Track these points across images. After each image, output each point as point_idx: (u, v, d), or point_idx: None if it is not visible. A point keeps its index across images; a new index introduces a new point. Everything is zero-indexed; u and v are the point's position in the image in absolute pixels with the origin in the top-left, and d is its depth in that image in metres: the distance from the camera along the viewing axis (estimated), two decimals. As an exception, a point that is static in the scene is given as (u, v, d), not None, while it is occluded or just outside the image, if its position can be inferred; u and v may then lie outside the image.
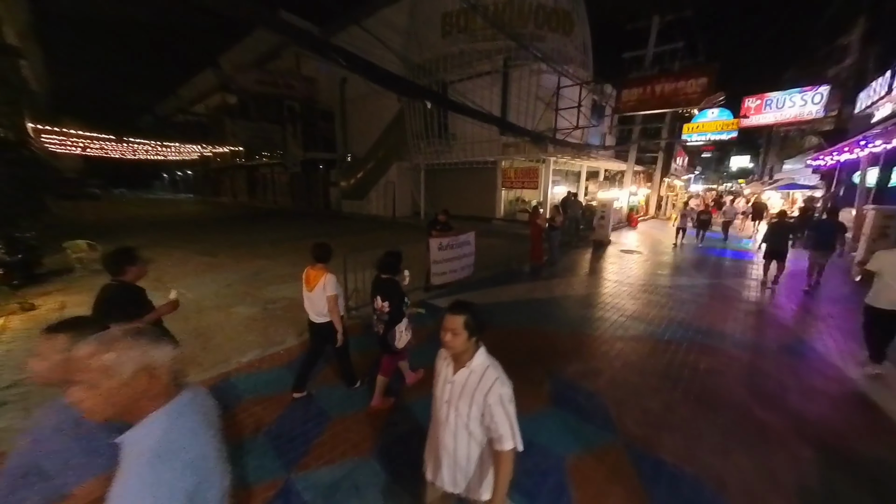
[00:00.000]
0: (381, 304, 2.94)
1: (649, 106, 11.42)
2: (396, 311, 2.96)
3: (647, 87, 11.28)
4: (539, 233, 8.77)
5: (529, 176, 13.75)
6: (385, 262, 3.02)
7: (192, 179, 46.05)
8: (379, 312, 2.98)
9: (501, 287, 6.93)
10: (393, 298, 2.94)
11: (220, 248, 10.49)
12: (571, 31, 13.60)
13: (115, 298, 2.29)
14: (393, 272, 3.03)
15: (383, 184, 18.67)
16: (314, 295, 3.11)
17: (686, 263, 9.38)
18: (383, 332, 3.00)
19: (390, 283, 2.99)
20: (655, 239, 13.43)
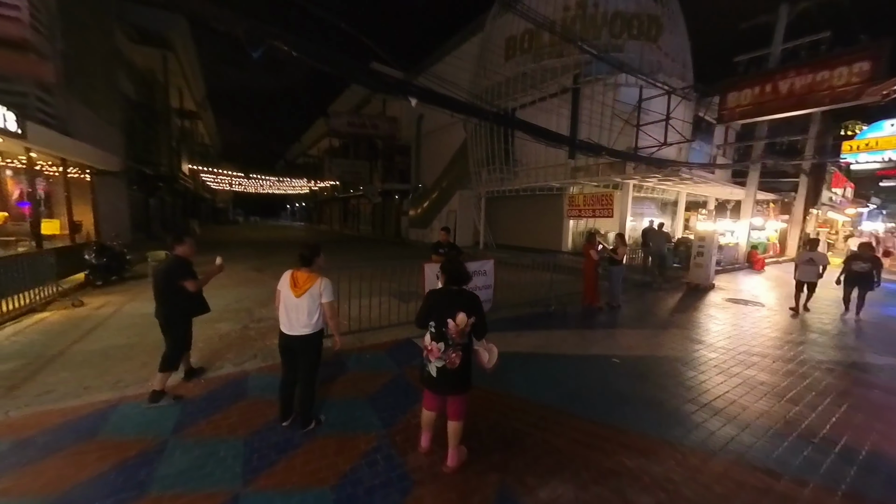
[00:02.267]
0: (464, 321, 2.30)
1: (771, 109, 8.46)
2: (481, 326, 2.43)
3: (768, 84, 8.43)
4: (592, 267, 6.86)
5: (602, 203, 11.59)
6: (459, 269, 2.47)
7: (304, 210, 54.46)
8: (454, 336, 2.31)
9: (526, 331, 5.34)
10: (478, 311, 2.40)
11: (273, 266, 11.13)
12: (659, 37, 11.59)
13: (170, 263, 3.28)
14: (466, 281, 2.48)
15: (445, 212, 18.40)
16: (302, 302, 2.69)
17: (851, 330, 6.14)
18: (461, 362, 2.34)
19: (470, 295, 2.46)
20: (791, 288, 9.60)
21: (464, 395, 2.45)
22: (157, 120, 19.49)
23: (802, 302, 7.03)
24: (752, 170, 11.91)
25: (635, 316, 6.60)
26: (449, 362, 2.34)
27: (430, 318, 2.41)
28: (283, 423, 2.87)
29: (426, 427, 2.61)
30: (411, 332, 5.05)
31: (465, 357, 2.38)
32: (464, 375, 2.40)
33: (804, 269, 6.88)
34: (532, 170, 13.96)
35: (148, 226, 17.52)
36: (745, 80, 8.88)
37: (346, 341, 4.66)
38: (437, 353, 2.36)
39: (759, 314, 6.91)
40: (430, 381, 2.42)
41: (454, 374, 2.36)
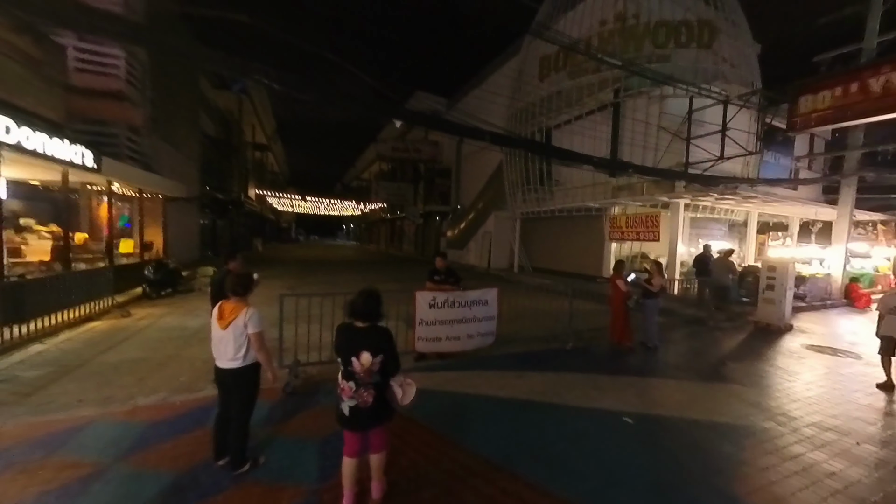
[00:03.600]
0: (369, 361, 2.19)
1: (859, 113, 6.85)
2: (393, 363, 2.31)
3: (853, 83, 6.88)
4: (621, 300, 5.98)
5: (647, 225, 10.35)
6: (364, 304, 2.31)
7: (357, 230, 57.84)
8: (361, 376, 2.20)
9: (531, 372, 4.72)
10: (386, 349, 2.29)
11: (305, 286, 11.60)
12: (713, 42, 10.42)
13: (221, 277, 3.74)
14: (376, 317, 2.35)
15: (481, 234, 18.05)
16: (227, 334, 2.59)
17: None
18: (374, 399, 2.23)
19: (379, 330, 2.33)
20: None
21: (385, 425, 2.36)
22: (230, 152, 22.32)
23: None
24: (846, 185, 9.79)
25: (674, 361, 5.56)
26: (361, 402, 2.22)
27: (339, 355, 2.30)
28: (217, 461, 2.71)
29: (348, 483, 2.33)
30: (403, 365, 4.73)
31: (378, 394, 2.26)
32: (381, 410, 2.29)
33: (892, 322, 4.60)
34: (570, 189, 13.16)
35: (215, 244, 19.70)
36: (822, 81, 7.39)
37: (327, 371, 4.50)
38: (348, 392, 2.23)
39: (850, 370, 5.39)
40: (344, 421, 2.28)
41: (369, 411, 2.24)
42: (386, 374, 2.30)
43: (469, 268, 18.58)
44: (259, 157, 34.70)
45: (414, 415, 3.54)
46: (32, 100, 5.66)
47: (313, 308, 4.66)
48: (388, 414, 2.33)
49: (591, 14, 11.80)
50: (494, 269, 16.81)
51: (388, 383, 2.31)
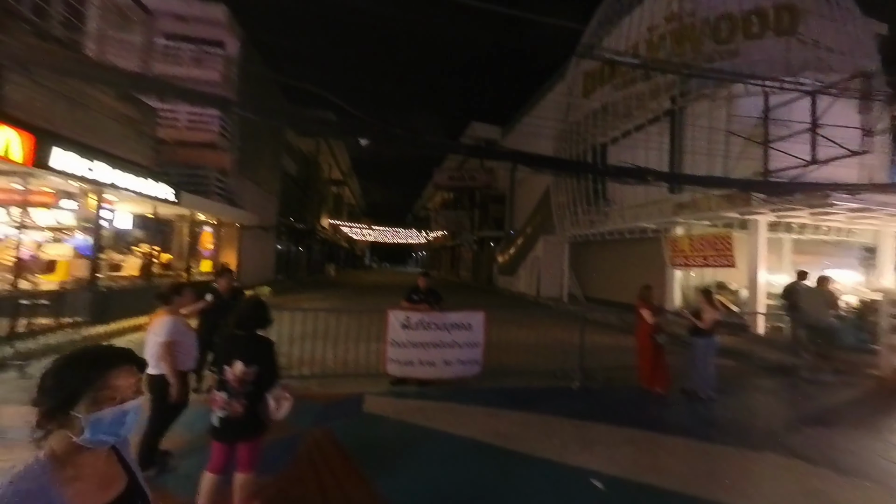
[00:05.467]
0: (241, 370, 2.12)
1: None
2: (269, 376, 2.22)
3: None
4: (646, 334, 4.89)
5: (716, 248, 8.48)
6: (247, 312, 2.32)
7: (424, 257, 60.11)
8: (234, 386, 2.12)
9: (512, 412, 4.03)
10: (262, 360, 2.21)
11: (346, 311, 12.19)
12: (797, 27, 8.65)
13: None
14: (256, 325, 2.30)
15: (530, 260, 17.05)
16: (147, 341, 2.79)
17: None
18: (246, 411, 2.12)
19: (256, 339, 2.26)
20: None
21: (254, 441, 2.21)
22: (307, 187, 25.59)
23: None
24: None
25: (722, 418, 4.23)
26: (232, 412, 2.11)
27: (215, 364, 2.29)
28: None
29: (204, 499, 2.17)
30: (380, 387, 4.51)
31: (250, 406, 2.14)
32: (251, 423, 2.16)
33: None
34: (627, 209, 11.75)
35: (288, 268, 22.27)
36: None
37: (292, 388, 4.48)
38: (220, 402, 2.13)
39: None
40: (214, 432, 2.20)
41: (239, 422, 2.13)
42: (261, 386, 2.18)
43: (519, 296, 17.57)
44: (336, 192, 39.07)
45: (348, 440, 3.29)
46: (127, 149, 7.29)
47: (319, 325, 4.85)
48: (258, 428, 2.20)
49: (639, 23, 10.92)
50: (544, 298, 15.57)
51: (263, 396, 2.18)
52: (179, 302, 2.94)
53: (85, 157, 6.21)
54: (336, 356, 4.99)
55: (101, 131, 6.88)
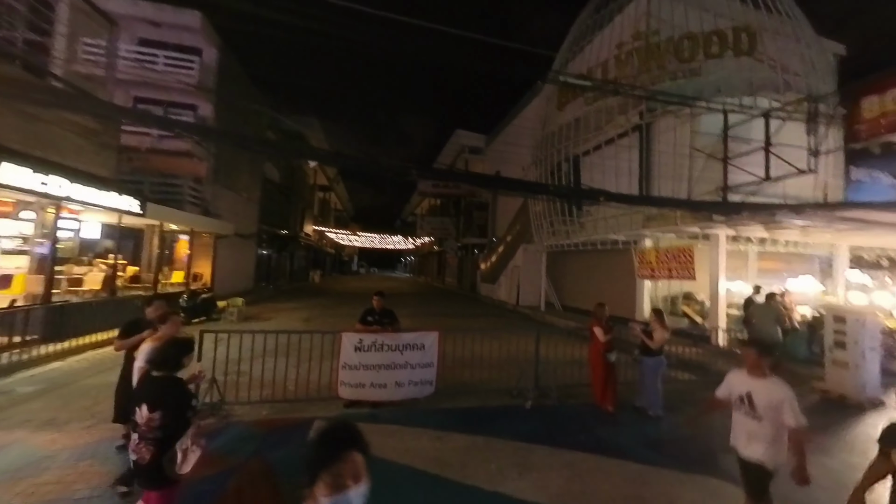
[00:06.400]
0: (145, 415, 2.05)
1: None
2: (175, 423, 2.08)
3: None
4: (598, 352, 4.98)
5: (679, 260, 8.72)
6: (162, 353, 2.28)
7: (412, 263, 59.97)
8: (142, 429, 2.05)
9: (461, 434, 4.05)
10: (169, 405, 2.08)
11: (324, 318, 12.06)
12: (755, 48, 9.00)
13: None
14: (171, 367, 2.21)
15: (511, 268, 17.20)
16: (135, 367, 2.83)
17: None
18: (151, 458, 2.03)
19: (167, 383, 2.18)
20: None
21: (158, 492, 2.10)
22: (291, 194, 25.36)
23: None
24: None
25: (668, 437, 4.31)
26: (139, 457, 2.04)
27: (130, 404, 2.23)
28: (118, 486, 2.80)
29: None
30: (333, 411, 4.48)
31: (157, 453, 2.03)
32: (155, 471, 2.05)
33: None
34: (600, 220, 11.96)
35: (268, 275, 21.98)
36: (889, 77, 5.68)
37: (246, 411, 4.44)
38: (132, 444, 2.10)
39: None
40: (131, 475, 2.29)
41: (144, 469, 2.06)
42: (170, 434, 2.07)
43: (499, 304, 17.68)
44: (323, 197, 38.80)
45: (286, 471, 3.27)
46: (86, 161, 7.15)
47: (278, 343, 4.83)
48: (162, 481, 2.05)
49: (609, 40, 11.21)
50: (523, 307, 15.71)
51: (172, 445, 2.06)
52: (166, 330, 2.94)
53: (39, 171, 6.07)
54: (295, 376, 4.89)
55: (58, 144, 6.74)
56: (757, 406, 2.42)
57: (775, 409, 2.34)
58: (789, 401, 2.31)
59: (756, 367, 2.50)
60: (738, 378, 2.62)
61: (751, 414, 2.46)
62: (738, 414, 2.56)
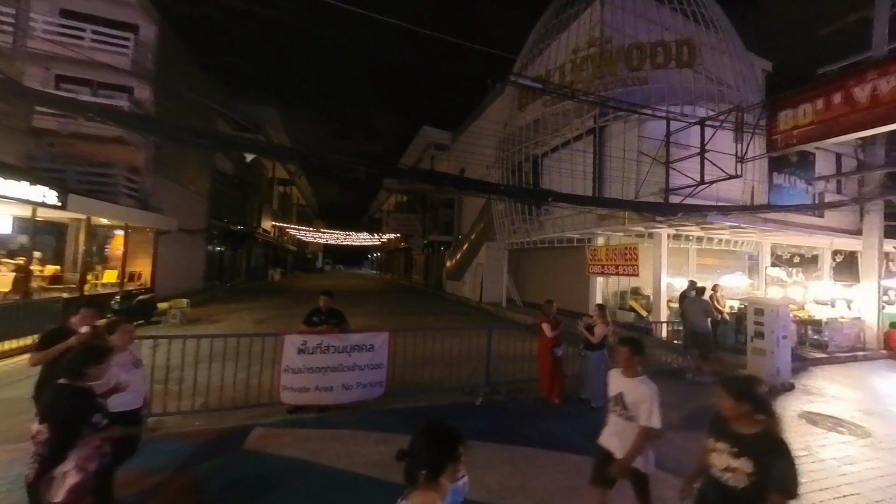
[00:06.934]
0: (35, 427, 1.96)
1: (845, 127, 5.72)
2: (61, 439, 1.87)
3: (836, 94, 5.82)
4: (546, 347, 5.15)
5: (626, 257, 9.26)
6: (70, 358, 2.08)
7: (380, 260, 58.98)
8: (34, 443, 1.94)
9: (401, 435, 3.97)
10: (57, 418, 1.91)
11: (279, 319, 11.48)
12: (694, 62, 9.68)
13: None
14: (73, 376, 1.99)
15: (475, 265, 17.40)
16: None
17: None
18: (35, 477, 1.90)
19: (61, 392, 1.98)
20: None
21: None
22: (247, 187, 23.93)
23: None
24: (871, 210, 8.22)
25: (602, 427, 4.53)
26: (27, 475, 1.94)
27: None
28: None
29: None
30: (275, 416, 4.26)
31: (40, 471, 1.89)
32: (34, 493, 1.94)
33: None
34: (558, 219, 12.37)
35: (220, 274, 20.64)
36: (802, 94, 6.36)
37: (177, 423, 4.12)
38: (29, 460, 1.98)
39: (841, 452, 4.09)
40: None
41: (28, 489, 1.96)
42: (55, 450, 1.87)
43: (464, 301, 17.85)
44: (283, 191, 37.02)
45: (214, 485, 3.07)
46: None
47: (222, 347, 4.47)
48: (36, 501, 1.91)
49: (566, 45, 11.58)
50: (486, 303, 15.95)
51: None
52: (116, 340, 2.70)
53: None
54: (236, 382, 4.61)
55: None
56: (628, 406, 2.35)
57: (637, 407, 2.29)
58: (650, 400, 2.26)
59: (629, 366, 2.42)
60: (614, 377, 2.55)
61: (623, 414, 2.37)
62: (612, 415, 2.48)
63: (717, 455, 1.87)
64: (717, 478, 1.85)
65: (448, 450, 1.28)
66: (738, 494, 1.74)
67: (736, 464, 1.77)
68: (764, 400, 1.84)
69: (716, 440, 1.91)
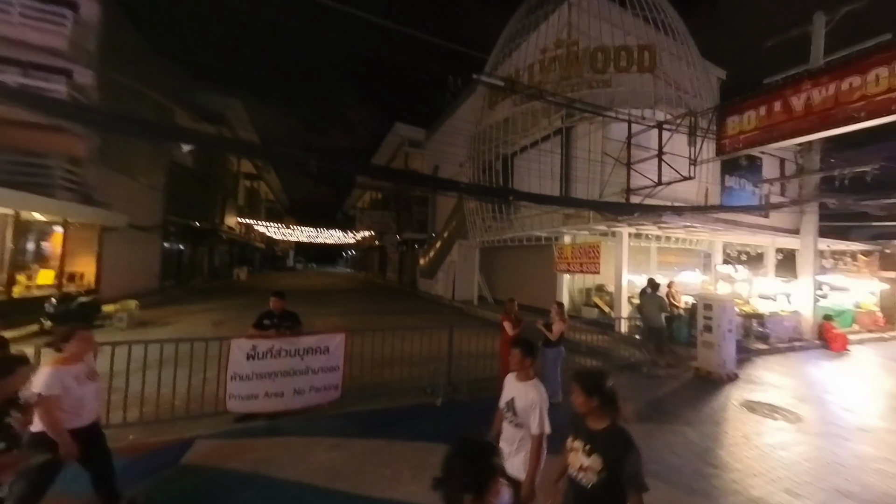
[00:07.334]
0: None
1: (785, 133, 6.19)
2: None
3: (776, 101, 6.28)
4: (506, 347, 5.15)
5: (589, 255, 9.55)
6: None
7: (355, 258, 57.83)
8: None
9: (356, 439, 3.89)
10: None
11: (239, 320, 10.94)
12: (654, 67, 10.06)
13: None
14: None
15: (447, 263, 17.39)
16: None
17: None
18: None
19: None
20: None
21: None
22: (209, 181, 22.66)
23: None
24: (807, 212, 8.92)
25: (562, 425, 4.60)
26: None
27: None
28: None
29: None
30: (222, 426, 4.00)
31: None
32: None
33: None
34: (527, 217, 12.53)
35: (179, 274, 19.47)
36: (746, 101, 6.81)
37: (107, 436, 3.78)
38: None
39: (773, 439, 4.37)
40: None
41: None
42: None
43: (437, 299, 17.81)
44: (251, 187, 35.44)
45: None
46: None
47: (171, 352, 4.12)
48: None
49: (535, 45, 11.71)
50: (458, 301, 15.99)
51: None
52: (72, 348, 2.51)
53: None
54: (177, 390, 4.27)
55: None
56: (518, 412, 2.18)
57: (528, 415, 2.13)
58: (539, 405, 2.12)
59: (521, 369, 2.28)
60: (509, 382, 2.38)
61: (514, 421, 2.22)
62: (504, 422, 2.31)
63: (573, 454, 1.81)
64: (572, 478, 1.78)
65: (487, 466, 1.24)
66: (588, 494, 1.69)
67: (588, 462, 1.72)
68: (613, 393, 1.79)
69: (573, 438, 1.85)
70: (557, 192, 10.95)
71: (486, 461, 1.25)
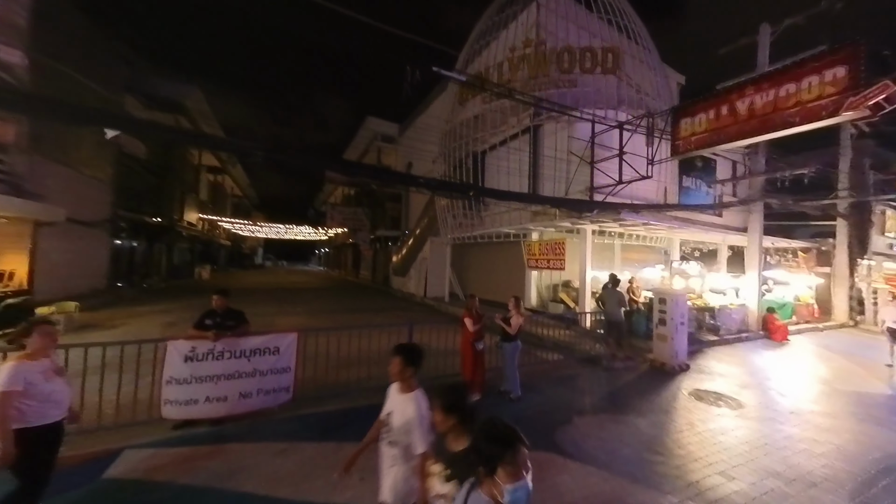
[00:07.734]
0: None
1: (730, 136, 6.57)
2: None
3: (723, 106, 6.65)
4: (467, 341, 5.14)
5: (555, 252, 9.77)
6: None
7: (328, 255, 56.39)
8: None
9: (306, 443, 3.72)
10: None
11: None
12: (618, 69, 10.36)
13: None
14: None
15: (420, 260, 17.27)
16: None
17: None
18: None
19: None
20: (830, 369, 6.91)
21: None
22: (166, 175, 21.24)
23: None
24: (753, 211, 9.53)
25: (522, 417, 4.64)
26: None
27: None
28: None
29: None
30: (158, 434, 3.70)
31: None
32: None
33: None
34: (496, 214, 12.61)
35: (130, 272, 18.18)
36: (697, 104, 7.16)
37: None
38: None
39: (715, 424, 4.60)
40: None
41: None
42: None
43: (409, 296, 17.65)
44: (214, 181, 33.62)
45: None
46: None
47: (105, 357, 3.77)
48: None
49: (504, 44, 11.78)
50: (430, 298, 15.90)
51: None
52: (34, 344, 2.42)
53: None
54: (102, 398, 3.93)
55: None
56: (393, 428, 1.91)
57: (407, 433, 1.85)
58: (419, 419, 1.83)
59: (401, 379, 2.01)
60: (391, 394, 2.07)
61: (387, 437, 1.96)
62: (382, 443, 2.01)
63: (432, 479, 1.61)
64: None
65: (501, 447, 1.28)
66: None
67: (444, 489, 1.51)
68: (471, 411, 1.62)
69: (434, 461, 1.65)
70: (527, 189, 11.09)
71: (502, 444, 1.29)
